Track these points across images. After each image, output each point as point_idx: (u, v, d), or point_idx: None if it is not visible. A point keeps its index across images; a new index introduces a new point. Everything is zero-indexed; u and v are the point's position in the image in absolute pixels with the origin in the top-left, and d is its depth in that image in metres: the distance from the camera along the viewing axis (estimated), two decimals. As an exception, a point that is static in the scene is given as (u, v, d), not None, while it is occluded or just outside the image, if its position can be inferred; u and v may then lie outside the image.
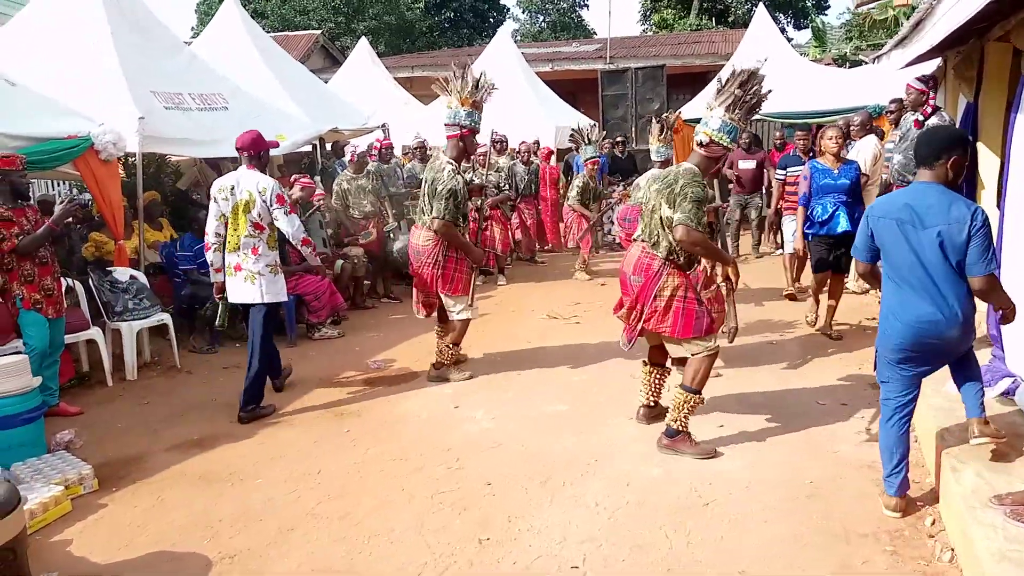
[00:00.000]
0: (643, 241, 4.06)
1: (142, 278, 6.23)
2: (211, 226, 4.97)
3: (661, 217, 3.91)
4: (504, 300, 8.04)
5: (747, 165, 9.91)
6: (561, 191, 14.24)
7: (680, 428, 4.05)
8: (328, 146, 11.07)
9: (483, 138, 6.25)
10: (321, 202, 7.81)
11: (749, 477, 3.82)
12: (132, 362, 5.82)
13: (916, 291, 3.24)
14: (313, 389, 5.43)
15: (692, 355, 4.02)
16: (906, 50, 5.88)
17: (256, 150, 5.02)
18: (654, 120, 6.46)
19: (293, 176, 7.71)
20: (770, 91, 3.98)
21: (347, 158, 8.31)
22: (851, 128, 7.92)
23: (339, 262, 7.55)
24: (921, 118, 5.95)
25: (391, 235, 8.07)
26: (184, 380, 5.81)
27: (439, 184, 5.11)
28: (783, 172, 8.05)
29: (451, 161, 5.20)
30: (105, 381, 5.68)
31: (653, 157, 6.29)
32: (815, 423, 4.46)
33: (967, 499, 3.13)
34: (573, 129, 10.27)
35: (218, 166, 8.97)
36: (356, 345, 6.54)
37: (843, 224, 5.85)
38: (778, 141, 10.54)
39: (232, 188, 4.90)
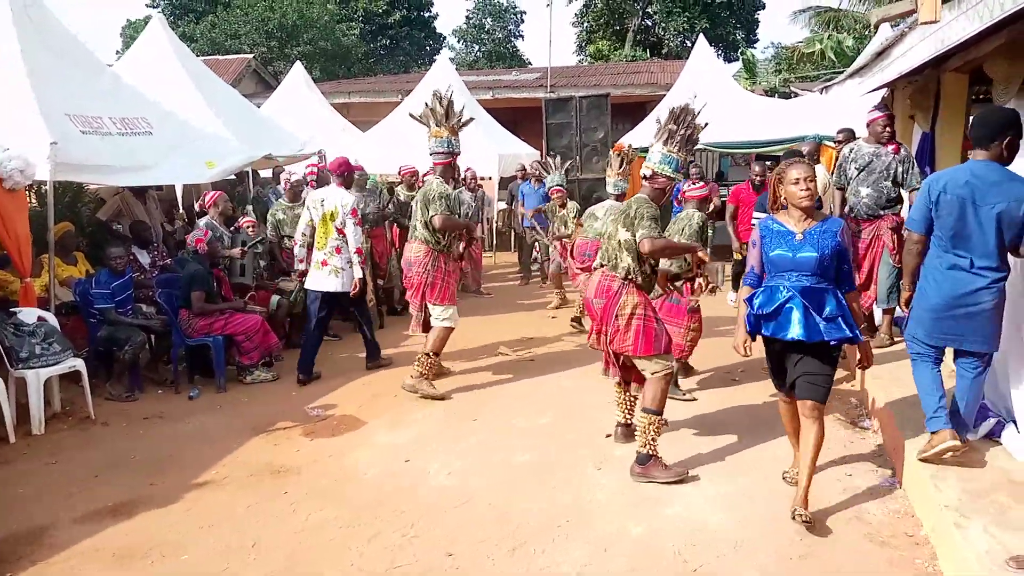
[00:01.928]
0: (603, 265, 4.36)
1: (52, 319, 5.60)
2: (301, 229, 6.36)
3: (619, 241, 4.23)
4: (452, 336, 7.60)
5: (693, 194, 9.78)
6: (503, 221, 14.03)
7: (650, 452, 4.12)
8: (266, 173, 10.54)
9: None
10: (254, 232, 7.34)
11: (736, 535, 3.50)
12: (39, 415, 5.17)
13: (962, 258, 3.62)
14: (246, 441, 4.90)
15: (651, 374, 4.16)
16: (865, 80, 5.80)
17: (342, 171, 6.25)
18: (612, 153, 6.27)
19: (205, 197, 7.25)
20: (706, 124, 4.33)
21: (281, 186, 7.81)
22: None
23: (275, 298, 7.03)
24: (887, 152, 5.80)
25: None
26: (99, 434, 5.19)
27: (431, 193, 5.69)
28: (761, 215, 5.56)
29: (439, 177, 5.79)
30: (7, 437, 5.02)
31: (610, 190, 6.12)
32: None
33: (981, 560, 2.87)
34: (537, 161, 10.22)
35: (143, 195, 8.36)
36: (292, 389, 6.02)
37: (795, 328, 3.46)
38: (757, 177, 7.96)
39: (322, 201, 6.16)
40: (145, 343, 5.98)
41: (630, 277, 4.19)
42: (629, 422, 4.60)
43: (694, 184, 5.87)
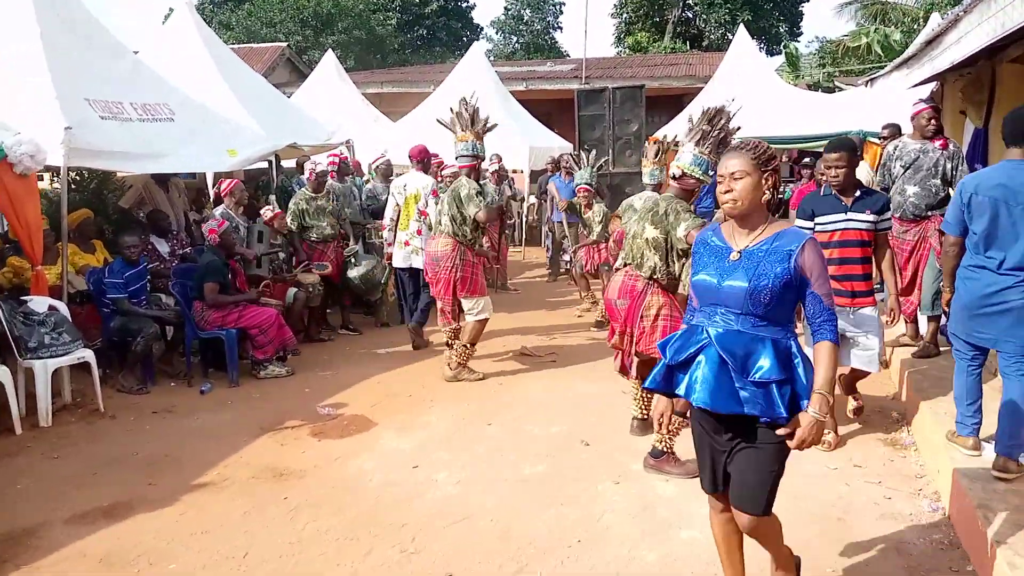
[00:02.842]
0: (627, 265, 4.29)
1: (63, 309, 5.49)
2: (388, 212, 7.09)
3: (646, 239, 4.16)
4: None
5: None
6: (534, 214, 13.77)
7: (665, 448, 4.10)
8: (294, 163, 10.41)
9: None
10: (279, 224, 7.19)
11: (759, 565, 3.21)
12: (46, 407, 5.06)
13: (992, 260, 3.57)
14: (252, 440, 4.74)
15: None
16: (912, 71, 5.43)
17: (422, 157, 7.09)
18: (648, 143, 6.00)
19: (221, 186, 7.16)
20: (739, 128, 4.26)
21: (305, 176, 7.65)
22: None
23: (292, 291, 6.87)
24: (934, 148, 5.43)
25: (351, 260, 7.40)
26: (105, 427, 5.07)
27: (462, 190, 5.81)
28: (808, 226, 4.38)
29: (471, 181, 5.95)
30: (13, 428, 4.92)
31: (646, 180, 5.82)
32: (826, 491, 3.88)
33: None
34: (571, 153, 9.83)
35: (166, 183, 8.27)
36: (306, 386, 5.85)
37: (699, 390, 2.43)
38: (823, 176, 6.72)
39: (404, 186, 6.92)
40: (158, 335, 5.86)
41: (656, 277, 4.14)
42: (646, 416, 4.55)
43: None
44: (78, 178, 9.13)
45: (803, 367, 2.40)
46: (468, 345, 5.95)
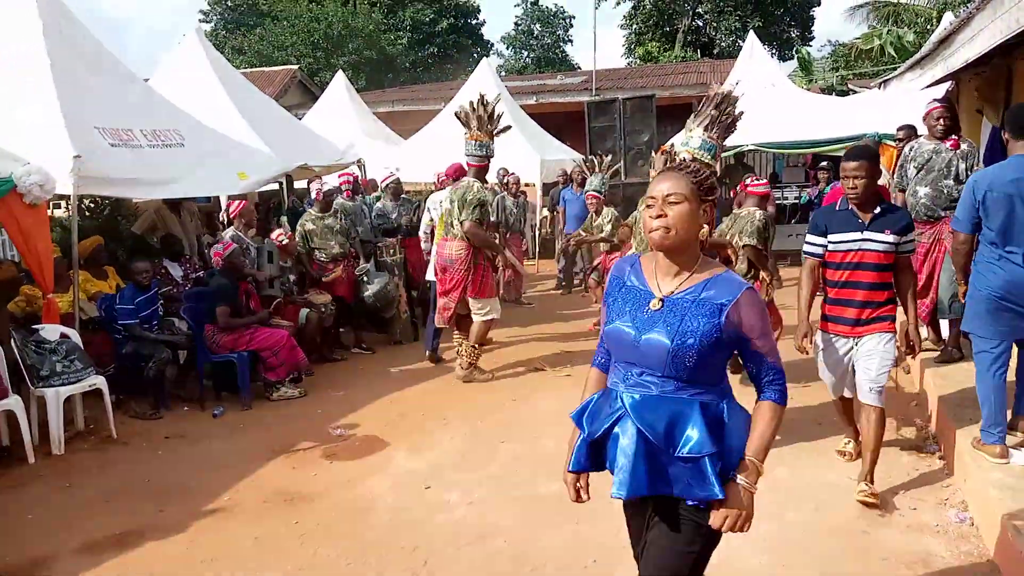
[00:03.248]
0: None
1: (75, 336, 5.49)
2: (423, 227, 7.62)
3: None
4: (488, 349, 7.32)
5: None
6: (547, 227, 13.70)
7: None
8: (306, 183, 10.44)
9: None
10: (291, 244, 7.18)
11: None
12: (58, 435, 5.05)
13: (1013, 254, 3.62)
14: (263, 464, 4.69)
15: None
16: (926, 71, 5.33)
17: (457, 176, 7.06)
18: (655, 153, 5.93)
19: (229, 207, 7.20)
20: (741, 113, 4.32)
21: (313, 196, 7.65)
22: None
23: (304, 311, 6.85)
24: (946, 148, 5.32)
25: (364, 279, 7.37)
26: (117, 454, 5.04)
27: (468, 194, 5.91)
28: (820, 243, 3.90)
29: (477, 180, 6.04)
30: (26, 457, 4.91)
31: None
32: (849, 502, 3.76)
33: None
34: (583, 158, 9.69)
35: (178, 207, 8.31)
36: (319, 407, 5.81)
37: (618, 479, 2.03)
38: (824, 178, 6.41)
39: (440, 201, 6.92)
40: (169, 359, 5.85)
41: None
42: None
43: (757, 180, 5.82)
44: (92, 205, 9.23)
45: (736, 427, 2.02)
46: (476, 345, 6.19)
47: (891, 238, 3.65)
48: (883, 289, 3.74)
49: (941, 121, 5.32)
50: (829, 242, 3.82)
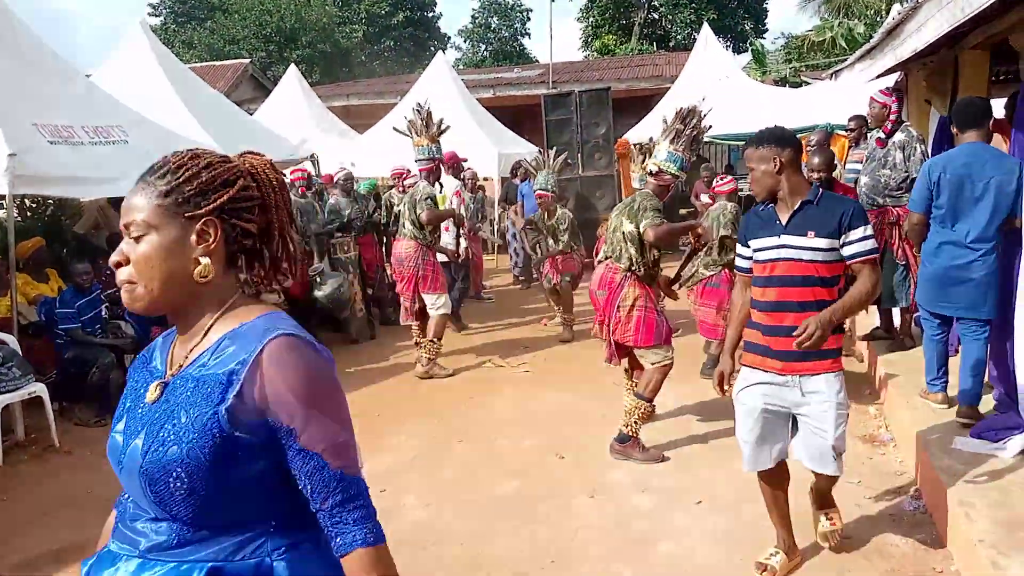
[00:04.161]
0: (607, 258, 4.50)
1: (12, 342, 5.27)
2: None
3: (623, 233, 4.37)
4: (447, 342, 7.21)
5: (709, 200, 9.38)
6: (500, 223, 13.61)
7: (631, 433, 4.33)
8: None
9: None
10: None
11: (740, 578, 3.10)
12: (-5, 445, 4.86)
13: (958, 235, 3.90)
14: (214, 471, 4.54)
15: (651, 364, 4.31)
16: (876, 61, 5.37)
17: (452, 163, 7.99)
18: (634, 149, 6.13)
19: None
20: (710, 126, 4.50)
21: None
22: (809, 147, 7.43)
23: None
24: (882, 135, 5.42)
25: (317, 279, 7.21)
26: (59, 464, 4.85)
27: (417, 194, 6.24)
28: (745, 254, 3.16)
29: (424, 180, 6.32)
30: (-39, 470, 4.71)
31: (635, 184, 5.83)
32: (805, 493, 3.75)
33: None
34: (523, 160, 9.56)
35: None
36: (272, 410, 5.66)
37: None
38: (815, 174, 5.83)
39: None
40: (114, 364, 5.65)
41: (632, 269, 4.35)
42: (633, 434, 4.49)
43: (722, 179, 6.20)
44: (34, 205, 8.91)
45: None
46: (435, 340, 6.34)
47: (819, 242, 2.78)
48: (817, 310, 2.72)
49: (872, 107, 5.41)
50: (753, 251, 2.99)
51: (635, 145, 6.39)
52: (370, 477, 3.81)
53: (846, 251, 2.80)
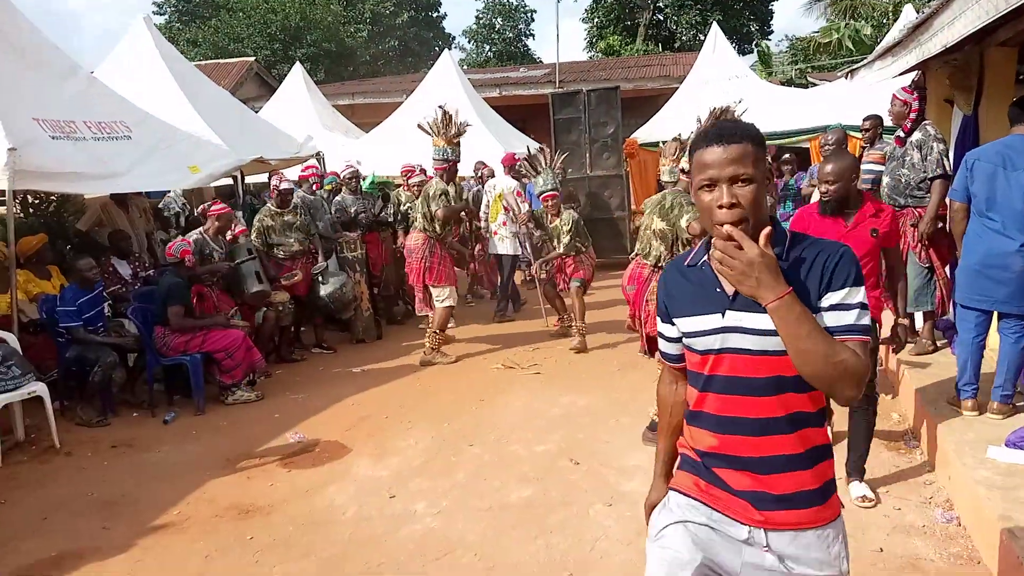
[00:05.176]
0: (638, 255, 4.71)
1: (12, 340, 5.14)
2: (482, 209, 8.71)
3: (654, 230, 4.55)
4: (456, 346, 7.09)
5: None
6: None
7: None
8: (266, 177, 10.08)
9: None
10: (248, 241, 6.78)
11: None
12: (-7, 446, 4.73)
13: (996, 224, 3.84)
14: (217, 474, 4.42)
15: None
16: (898, 59, 5.22)
17: (510, 163, 8.61)
18: (663, 142, 5.75)
19: (201, 207, 6.79)
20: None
21: (270, 191, 7.34)
22: (825, 147, 7.28)
23: (260, 310, 6.54)
24: (902, 134, 5.28)
25: (320, 277, 7.07)
26: (59, 466, 4.72)
27: (430, 190, 6.47)
28: (671, 333, 1.86)
29: (441, 180, 6.53)
30: (-41, 472, 4.58)
31: (665, 179, 5.54)
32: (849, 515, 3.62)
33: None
34: (523, 157, 9.36)
35: (125, 202, 7.93)
36: (276, 411, 5.53)
37: None
38: (824, 187, 5.37)
39: (494, 186, 8.52)
40: (116, 363, 5.52)
41: (660, 264, 4.49)
42: None
43: None
44: (36, 201, 8.80)
45: None
46: (438, 331, 6.58)
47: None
48: (797, 428, 1.67)
49: (893, 105, 5.29)
50: (682, 335, 1.79)
51: (669, 141, 5.92)
52: (379, 482, 3.72)
53: (828, 320, 1.59)
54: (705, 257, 1.74)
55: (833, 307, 1.61)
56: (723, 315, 1.67)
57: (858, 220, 3.55)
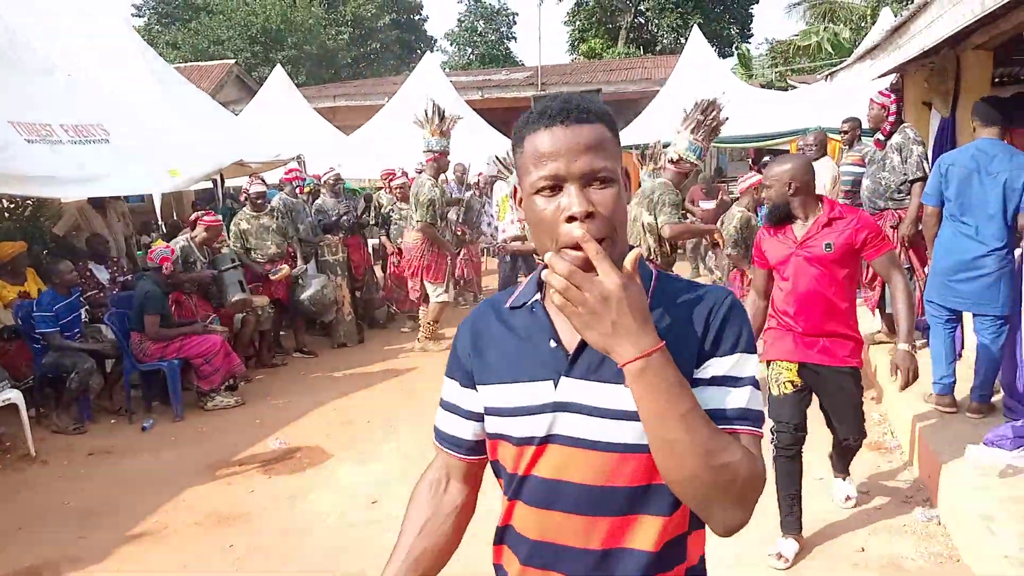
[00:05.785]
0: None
1: (-14, 347, 5.07)
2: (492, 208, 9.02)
3: (642, 224, 4.55)
4: (437, 351, 7.06)
5: (707, 206, 9.26)
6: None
7: None
8: (241, 181, 10.00)
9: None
10: (231, 251, 6.67)
11: (752, 594, 2.96)
12: (-33, 455, 4.65)
13: (970, 228, 3.89)
14: (196, 481, 4.36)
15: None
16: (877, 61, 5.27)
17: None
18: (643, 145, 6.11)
19: (194, 215, 6.72)
20: (727, 119, 4.56)
21: (241, 195, 7.29)
22: (805, 149, 7.33)
23: (239, 315, 6.48)
24: (882, 137, 5.33)
25: (299, 281, 7.01)
26: (35, 475, 4.65)
27: (420, 195, 6.61)
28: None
29: (430, 177, 6.70)
30: (-69, 481, 4.50)
31: (644, 180, 5.74)
32: (813, 505, 3.62)
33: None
34: (496, 156, 9.38)
35: (104, 206, 7.84)
36: (256, 416, 5.47)
37: None
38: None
39: (503, 187, 8.40)
40: (93, 369, 5.45)
41: (650, 258, 4.48)
42: None
43: (744, 176, 6.11)
44: (11, 205, 8.67)
45: None
46: (432, 323, 6.97)
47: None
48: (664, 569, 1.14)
49: (871, 110, 5.34)
50: (485, 410, 1.28)
51: (639, 149, 6.19)
52: (362, 488, 3.67)
53: (709, 399, 1.07)
54: (537, 296, 1.19)
55: (717, 380, 1.08)
56: (555, 384, 1.12)
57: (811, 232, 3.02)
